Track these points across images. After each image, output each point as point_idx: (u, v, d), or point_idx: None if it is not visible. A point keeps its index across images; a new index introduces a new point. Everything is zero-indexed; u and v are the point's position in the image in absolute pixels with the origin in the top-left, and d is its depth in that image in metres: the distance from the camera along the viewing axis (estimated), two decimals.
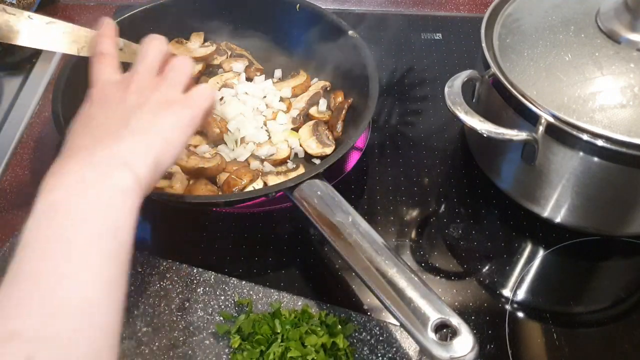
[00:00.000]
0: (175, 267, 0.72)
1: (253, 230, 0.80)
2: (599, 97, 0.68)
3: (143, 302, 0.69)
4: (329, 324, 0.66)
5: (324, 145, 0.85)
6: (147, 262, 0.73)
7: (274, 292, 0.71)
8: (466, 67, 0.78)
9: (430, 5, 1.20)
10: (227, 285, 0.71)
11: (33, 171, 0.88)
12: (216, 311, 0.69)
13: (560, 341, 0.70)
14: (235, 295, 0.70)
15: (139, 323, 0.67)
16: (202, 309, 0.69)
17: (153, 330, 0.67)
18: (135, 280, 0.71)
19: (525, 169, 0.75)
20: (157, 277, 0.72)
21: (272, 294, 0.70)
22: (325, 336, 0.64)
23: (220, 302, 0.70)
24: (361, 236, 0.64)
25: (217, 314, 0.69)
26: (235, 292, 0.70)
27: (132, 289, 0.70)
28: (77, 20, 1.12)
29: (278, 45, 0.99)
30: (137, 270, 0.72)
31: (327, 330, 0.66)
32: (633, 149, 0.64)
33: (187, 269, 0.72)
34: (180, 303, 0.69)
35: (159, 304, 0.69)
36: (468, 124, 0.70)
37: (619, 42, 0.71)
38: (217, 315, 0.69)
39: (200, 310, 0.69)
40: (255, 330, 0.65)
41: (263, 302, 0.70)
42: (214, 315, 0.69)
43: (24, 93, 0.99)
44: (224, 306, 0.69)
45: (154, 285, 0.71)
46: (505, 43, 0.76)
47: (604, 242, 0.80)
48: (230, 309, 0.69)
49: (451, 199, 0.86)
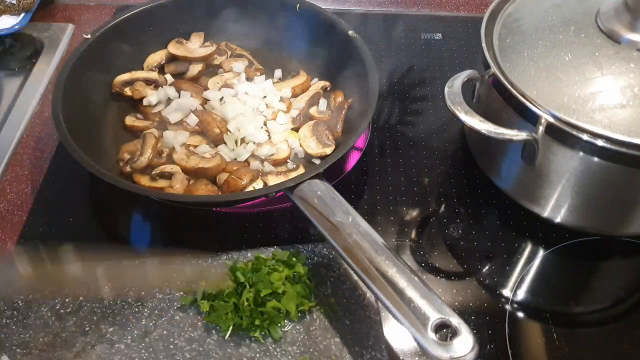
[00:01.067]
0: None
1: (253, 230, 0.80)
2: (599, 97, 0.68)
3: (99, 306, 0.70)
4: (284, 260, 0.71)
5: (324, 145, 0.85)
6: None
7: (222, 254, 0.74)
8: (466, 67, 0.78)
9: (430, 5, 1.20)
10: (174, 263, 0.73)
11: (33, 171, 0.88)
12: (173, 290, 0.71)
13: (560, 341, 0.70)
14: (185, 270, 0.73)
15: (103, 326, 0.68)
16: (159, 291, 0.71)
17: (120, 327, 0.68)
18: (82, 290, 0.71)
19: (525, 169, 0.75)
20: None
21: (221, 256, 0.74)
22: (286, 269, 0.70)
23: (174, 281, 0.72)
24: (361, 236, 0.64)
25: (175, 292, 0.71)
26: (184, 268, 0.73)
27: (81, 299, 0.70)
28: (77, 21, 1.12)
29: (278, 45, 0.99)
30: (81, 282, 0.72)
31: (285, 265, 0.71)
32: (633, 149, 0.64)
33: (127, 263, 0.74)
34: (136, 294, 0.71)
35: (116, 302, 0.70)
36: (468, 124, 0.70)
37: (619, 42, 0.71)
38: (175, 293, 0.71)
39: (158, 293, 0.71)
40: (220, 288, 0.69)
41: (215, 267, 0.73)
42: (173, 293, 0.71)
43: (24, 93, 0.99)
44: (179, 282, 0.72)
45: (103, 289, 0.71)
46: (505, 43, 0.76)
47: (604, 242, 0.80)
48: (187, 284, 0.72)
49: (451, 199, 0.86)
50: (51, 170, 0.88)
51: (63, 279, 0.73)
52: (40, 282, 0.72)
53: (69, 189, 0.85)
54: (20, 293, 0.71)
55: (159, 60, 0.97)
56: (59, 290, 0.71)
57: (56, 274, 0.74)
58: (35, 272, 0.76)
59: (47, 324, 0.68)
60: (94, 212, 0.83)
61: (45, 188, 0.85)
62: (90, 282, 0.72)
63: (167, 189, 0.79)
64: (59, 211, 0.82)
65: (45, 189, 0.85)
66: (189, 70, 0.96)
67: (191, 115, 0.87)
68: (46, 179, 0.86)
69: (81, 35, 1.07)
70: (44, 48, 1.06)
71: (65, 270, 0.75)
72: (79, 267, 0.75)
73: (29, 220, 0.81)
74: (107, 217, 0.84)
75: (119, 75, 0.92)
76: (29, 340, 0.67)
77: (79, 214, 0.82)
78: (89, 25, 1.11)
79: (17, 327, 0.68)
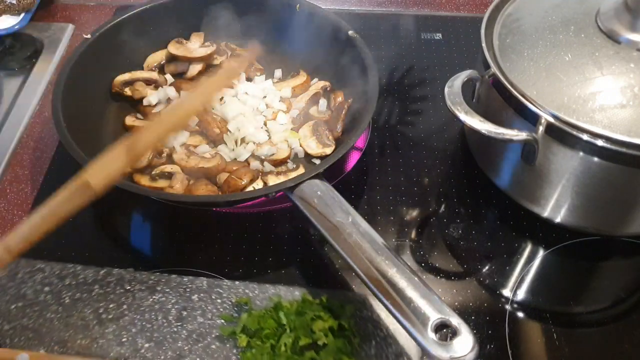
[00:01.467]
0: (164, 278, 0.72)
1: (253, 230, 0.80)
2: (599, 97, 0.68)
3: (139, 319, 0.69)
4: (332, 308, 0.67)
5: (324, 145, 0.85)
6: (134, 278, 0.72)
7: (269, 287, 0.71)
8: (466, 67, 0.78)
9: (430, 5, 1.20)
10: (221, 288, 0.71)
11: (33, 171, 0.88)
12: (216, 315, 0.69)
13: (560, 341, 0.70)
14: (231, 296, 0.70)
15: (139, 340, 0.67)
16: (201, 315, 0.69)
17: (156, 345, 0.67)
18: (127, 298, 0.70)
19: (525, 169, 0.75)
20: (147, 291, 0.71)
21: (268, 289, 0.71)
22: (330, 319, 0.65)
23: (217, 306, 0.69)
24: (361, 236, 0.64)
25: (217, 317, 0.69)
26: (231, 293, 0.70)
27: (125, 307, 0.70)
28: (77, 21, 1.13)
29: (278, 45, 0.98)
30: (126, 288, 0.71)
31: (331, 314, 0.66)
32: (633, 149, 0.64)
33: (177, 278, 0.72)
34: (178, 313, 0.69)
35: (156, 318, 0.69)
36: (468, 124, 0.70)
37: (619, 42, 0.71)
38: (217, 319, 0.68)
39: (200, 317, 0.69)
40: (261, 326, 0.65)
41: (260, 299, 0.70)
42: (214, 319, 0.68)
43: (24, 93, 0.99)
44: (222, 309, 0.69)
45: (147, 300, 0.70)
46: (505, 43, 0.76)
47: (604, 242, 0.80)
48: (230, 311, 0.69)
49: (451, 199, 0.86)
50: (51, 170, 0.88)
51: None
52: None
53: None
54: (69, 290, 0.71)
55: (159, 60, 0.97)
56: (105, 295, 0.70)
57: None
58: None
59: (88, 327, 0.68)
60: (94, 212, 0.83)
61: (45, 188, 0.85)
62: (137, 291, 0.71)
63: (167, 189, 0.79)
64: None
65: (45, 189, 0.85)
66: (189, 70, 0.96)
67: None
68: (46, 179, 0.86)
69: (81, 35, 1.07)
70: (44, 48, 1.06)
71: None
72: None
73: None
74: (107, 218, 0.83)
75: (119, 75, 0.92)
76: (67, 339, 0.67)
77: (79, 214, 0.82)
78: (89, 25, 1.11)
79: (59, 323, 0.68)
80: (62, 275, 0.72)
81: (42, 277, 0.72)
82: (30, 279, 0.72)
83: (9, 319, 0.69)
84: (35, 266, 0.73)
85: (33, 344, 0.67)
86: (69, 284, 0.72)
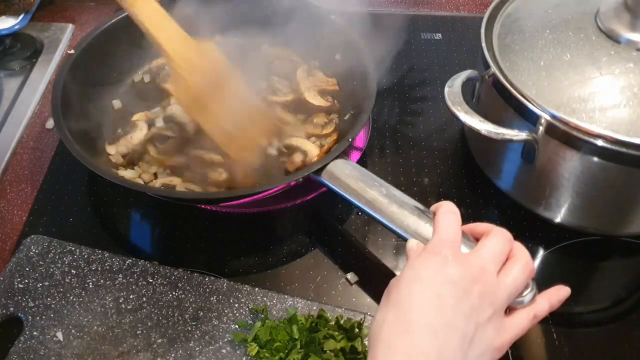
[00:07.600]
0: (187, 276, 0.72)
1: (253, 230, 0.80)
2: (598, 97, 0.68)
3: (156, 313, 0.68)
4: (347, 328, 0.65)
5: (323, 97, 0.89)
6: (157, 272, 0.72)
7: (288, 298, 0.69)
8: (466, 67, 0.78)
9: (430, 5, 1.20)
10: (241, 292, 0.70)
11: (33, 171, 0.88)
12: (231, 319, 0.68)
13: (560, 341, 0.70)
14: (249, 302, 0.69)
15: (153, 335, 0.67)
16: (217, 317, 0.68)
17: (168, 341, 0.66)
18: (147, 291, 0.70)
19: (525, 169, 0.75)
20: (169, 287, 0.71)
21: (287, 299, 0.69)
22: (343, 340, 0.63)
23: (234, 310, 0.69)
24: (398, 206, 0.67)
25: (232, 322, 0.68)
26: (249, 300, 0.69)
27: (144, 300, 0.69)
28: (77, 21, 1.13)
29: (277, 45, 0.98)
30: (149, 280, 0.71)
31: (345, 335, 0.64)
32: (633, 149, 0.64)
33: (199, 277, 0.71)
34: (194, 312, 0.69)
35: (173, 314, 0.68)
36: (468, 124, 0.70)
37: (619, 42, 0.71)
38: (232, 324, 0.68)
39: (215, 319, 0.68)
40: (272, 337, 0.64)
41: (277, 309, 0.69)
42: (229, 323, 0.68)
43: (24, 93, 0.99)
44: (238, 314, 0.68)
45: (167, 296, 0.70)
46: (505, 43, 0.76)
47: (604, 242, 0.80)
48: (245, 317, 0.68)
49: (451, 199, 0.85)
50: (51, 170, 0.88)
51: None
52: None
53: (69, 189, 0.85)
54: (94, 276, 0.71)
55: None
56: (127, 285, 0.71)
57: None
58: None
59: (106, 315, 0.68)
60: (94, 211, 0.83)
61: (45, 188, 0.85)
62: (158, 285, 0.71)
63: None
64: (59, 211, 0.82)
65: (45, 189, 0.85)
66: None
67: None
68: (46, 179, 0.86)
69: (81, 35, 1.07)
70: (44, 48, 1.06)
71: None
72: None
73: (29, 220, 0.81)
74: (107, 216, 0.83)
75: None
76: (85, 324, 0.67)
77: (79, 214, 0.82)
78: (89, 25, 1.11)
79: (80, 308, 0.68)
80: (90, 260, 0.73)
81: (71, 259, 0.73)
82: (59, 259, 0.73)
83: (35, 296, 0.69)
84: (66, 248, 0.74)
85: (52, 324, 0.67)
86: (95, 269, 0.72)
